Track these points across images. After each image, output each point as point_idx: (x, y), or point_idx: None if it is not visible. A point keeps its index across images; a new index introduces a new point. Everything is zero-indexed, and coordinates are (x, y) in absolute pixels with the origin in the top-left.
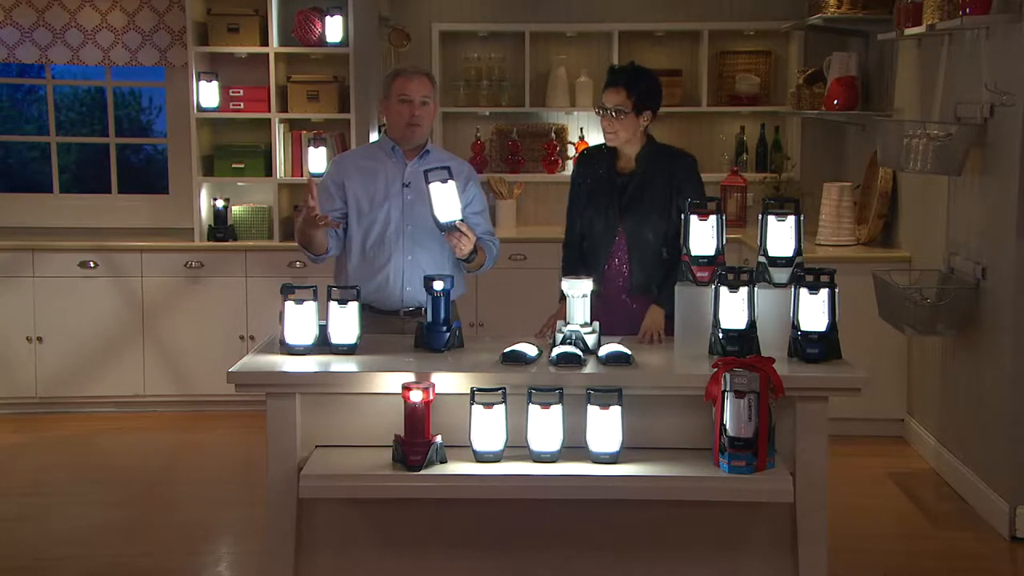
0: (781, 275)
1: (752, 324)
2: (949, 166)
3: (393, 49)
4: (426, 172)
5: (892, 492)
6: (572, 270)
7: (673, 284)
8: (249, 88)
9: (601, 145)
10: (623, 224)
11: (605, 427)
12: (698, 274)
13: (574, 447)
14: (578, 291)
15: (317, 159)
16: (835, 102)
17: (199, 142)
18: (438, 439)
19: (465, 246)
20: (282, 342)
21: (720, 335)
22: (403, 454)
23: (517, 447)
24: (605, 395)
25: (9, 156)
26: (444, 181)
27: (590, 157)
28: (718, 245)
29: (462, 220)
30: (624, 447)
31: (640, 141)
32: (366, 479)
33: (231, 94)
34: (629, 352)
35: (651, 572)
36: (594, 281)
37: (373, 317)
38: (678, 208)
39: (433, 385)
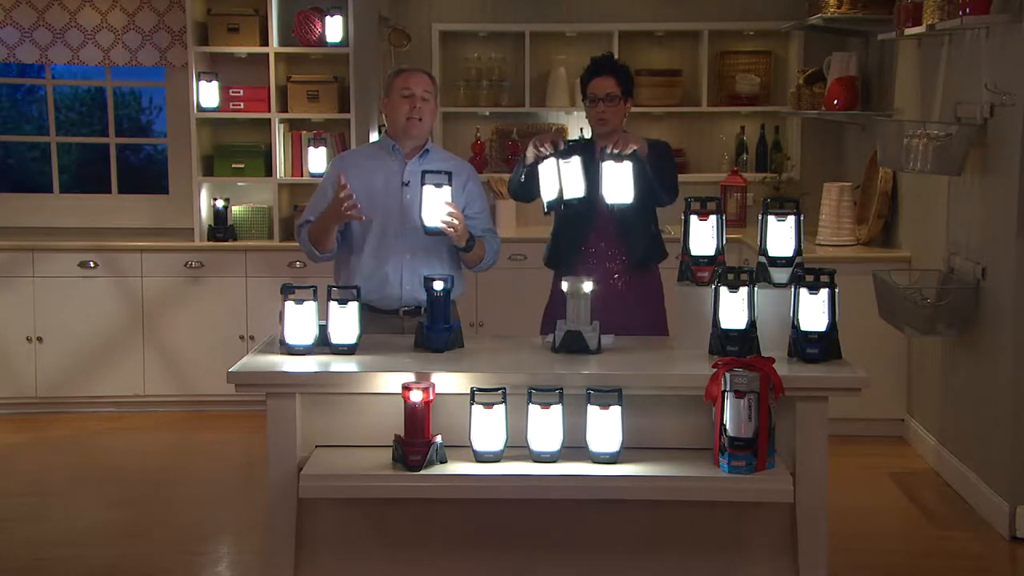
0: (781, 275)
1: (752, 324)
2: (949, 166)
3: (393, 49)
4: (424, 172)
5: (892, 492)
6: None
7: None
8: (249, 88)
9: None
10: (613, 212)
11: (605, 427)
12: (698, 274)
13: (574, 447)
14: (578, 291)
15: (317, 159)
16: (835, 102)
17: (199, 142)
18: (438, 439)
19: (457, 231)
20: (282, 342)
21: (720, 335)
22: (403, 454)
23: (517, 447)
24: (605, 395)
25: (9, 156)
26: (439, 186)
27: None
28: (718, 245)
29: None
30: (624, 447)
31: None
32: (366, 479)
33: (231, 94)
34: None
35: (651, 572)
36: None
37: (372, 316)
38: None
39: (433, 385)
